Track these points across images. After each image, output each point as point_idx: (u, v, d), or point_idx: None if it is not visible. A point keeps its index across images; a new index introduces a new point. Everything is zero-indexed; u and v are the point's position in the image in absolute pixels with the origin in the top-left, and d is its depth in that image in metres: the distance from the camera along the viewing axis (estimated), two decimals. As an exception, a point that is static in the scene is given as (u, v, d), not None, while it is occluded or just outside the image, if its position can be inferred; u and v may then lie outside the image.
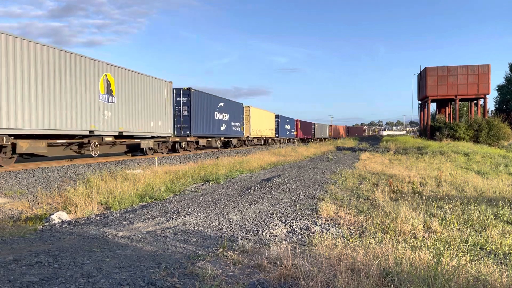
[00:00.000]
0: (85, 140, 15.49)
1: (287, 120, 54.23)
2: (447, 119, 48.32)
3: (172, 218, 6.83)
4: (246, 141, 36.99)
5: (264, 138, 42.74)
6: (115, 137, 17.17)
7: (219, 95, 32.75)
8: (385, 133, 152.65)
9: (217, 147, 30.92)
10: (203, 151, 26.79)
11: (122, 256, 4.60)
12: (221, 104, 29.04)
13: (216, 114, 28.26)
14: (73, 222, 6.66)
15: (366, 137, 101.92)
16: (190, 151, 25.55)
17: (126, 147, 19.72)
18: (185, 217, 6.92)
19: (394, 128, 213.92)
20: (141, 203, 8.66)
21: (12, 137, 11.98)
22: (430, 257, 3.79)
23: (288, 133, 54.06)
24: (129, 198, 8.73)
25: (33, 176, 11.21)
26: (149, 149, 20.49)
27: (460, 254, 4.20)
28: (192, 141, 25.35)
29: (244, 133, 34.92)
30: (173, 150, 23.78)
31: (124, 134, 17.35)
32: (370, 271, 3.49)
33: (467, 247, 5.01)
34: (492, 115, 49.37)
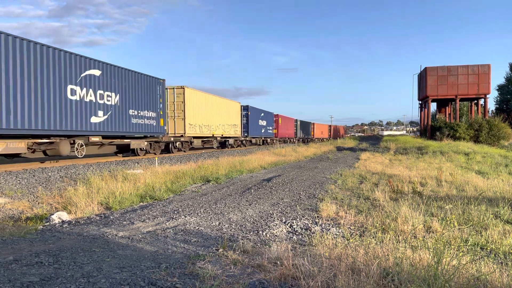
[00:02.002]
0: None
1: (262, 114, 40.14)
2: (447, 119, 48.33)
3: (173, 218, 6.84)
4: (174, 143, 22.93)
5: (220, 138, 30.00)
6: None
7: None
8: (385, 133, 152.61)
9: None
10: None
11: (123, 256, 4.60)
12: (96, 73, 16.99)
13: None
14: (74, 222, 6.66)
15: (366, 137, 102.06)
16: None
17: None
18: (186, 217, 6.92)
19: (395, 128, 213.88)
20: (142, 203, 8.67)
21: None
22: (430, 257, 3.79)
23: (263, 131, 40.71)
24: (129, 198, 8.73)
25: (34, 176, 11.22)
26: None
27: (460, 254, 4.20)
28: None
29: (166, 131, 21.93)
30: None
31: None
32: (371, 271, 3.49)
33: (467, 247, 5.01)
34: (493, 115, 49.34)
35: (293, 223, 6.47)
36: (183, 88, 23.16)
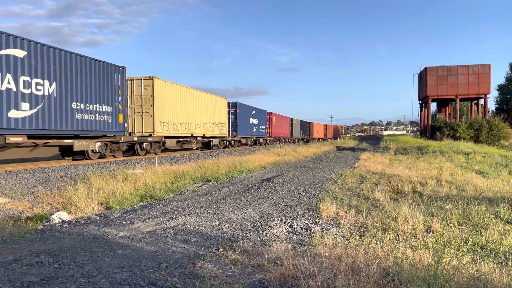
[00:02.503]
0: None
1: (253, 112, 36.54)
2: (447, 119, 48.30)
3: (173, 218, 6.84)
4: (141, 144, 19.66)
5: (201, 138, 26.29)
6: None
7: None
8: (385, 132, 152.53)
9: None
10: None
11: (123, 256, 4.60)
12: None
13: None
14: (74, 222, 6.66)
15: (366, 136, 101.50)
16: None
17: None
18: (186, 217, 6.92)
19: (395, 128, 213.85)
20: (142, 203, 8.67)
21: None
22: (430, 257, 3.79)
23: (255, 130, 37.12)
24: (129, 198, 8.73)
25: (34, 176, 11.22)
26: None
27: (460, 254, 4.20)
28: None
29: (128, 129, 18.44)
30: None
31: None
32: (371, 271, 3.49)
33: (467, 247, 5.01)
34: (493, 114, 49.35)
35: (293, 223, 6.47)
36: (152, 79, 19.49)
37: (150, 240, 5.45)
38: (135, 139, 18.99)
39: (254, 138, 38.81)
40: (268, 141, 43.71)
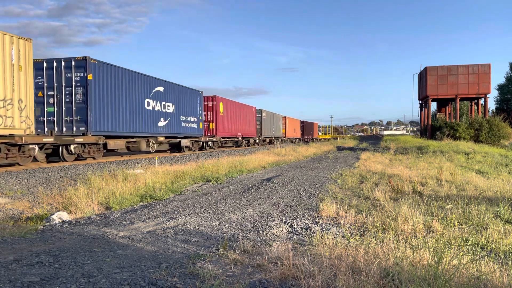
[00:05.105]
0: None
1: (160, 89, 20.73)
2: (447, 118, 48.31)
3: (173, 218, 6.84)
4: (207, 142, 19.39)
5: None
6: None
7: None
8: (385, 132, 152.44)
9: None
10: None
11: (123, 256, 4.60)
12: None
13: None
14: (74, 222, 6.66)
15: (366, 136, 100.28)
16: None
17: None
18: (186, 217, 6.92)
19: (395, 127, 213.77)
20: (142, 203, 8.67)
21: None
22: (430, 257, 3.78)
23: (187, 124, 24.07)
24: (129, 198, 8.73)
25: (34, 176, 11.22)
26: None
27: (460, 254, 4.20)
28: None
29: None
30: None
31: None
32: (371, 270, 3.49)
33: (467, 246, 5.01)
34: (493, 114, 49.34)
35: (293, 222, 6.47)
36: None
37: (150, 240, 5.45)
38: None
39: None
40: (205, 144, 27.62)
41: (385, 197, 8.64)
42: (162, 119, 21.17)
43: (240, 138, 34.79)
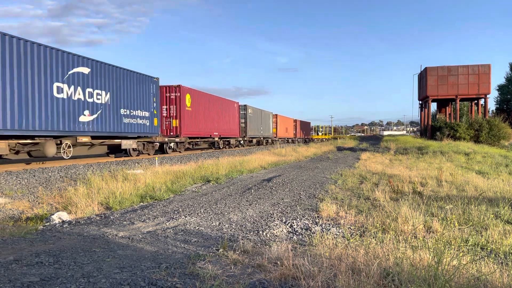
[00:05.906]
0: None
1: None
2: (447, 119, 48.31)
3: (173, 218, 6.84)
4: (169, 144, 20.33)
5: None
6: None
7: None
8: (385, 133, 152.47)
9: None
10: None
11: (123, 256, 4.60)
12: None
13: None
14: (74, 222, 6.66)
15: (366, 137, 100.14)
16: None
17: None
18: (186, 217, 6.92)
19: (395, 128, 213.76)
20: (142, 203, 8.67)
21: None
22: (430, 257, 3.78)
23: (133, 120, 18.36)
24: (129, 198, 8.73)
25: (34, 176, 11.22)
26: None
27: (460, 254, 4.20)
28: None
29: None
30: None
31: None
32: (371, 271, 3.49)
33: (467, 247, 5.01)
34: (493, 115, 49.36)
35: (293, 223, 6.47)
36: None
37: (150, 240, 5.45)
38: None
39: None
40: (169, 145, 22.83)
41: (385, 197, 8.64)
42: (86, 112, 15.16)
43: (216, 139, 28.67)
